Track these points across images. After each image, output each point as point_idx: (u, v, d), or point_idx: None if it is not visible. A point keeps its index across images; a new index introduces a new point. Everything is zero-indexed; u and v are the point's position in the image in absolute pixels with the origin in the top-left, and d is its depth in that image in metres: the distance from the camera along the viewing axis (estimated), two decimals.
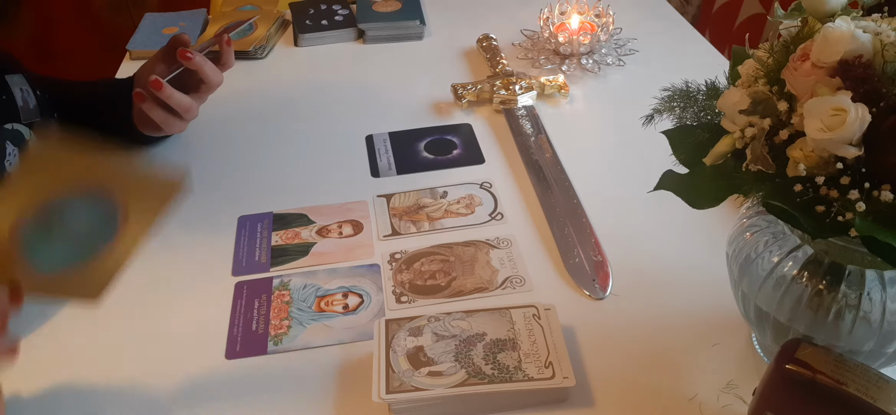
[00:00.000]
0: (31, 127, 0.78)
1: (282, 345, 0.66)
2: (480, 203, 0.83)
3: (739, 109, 0.49)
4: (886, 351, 0.53)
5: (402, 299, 0.70)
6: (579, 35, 1.08)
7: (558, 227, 0.78)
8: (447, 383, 0.58)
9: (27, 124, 0.77)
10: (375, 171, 0.89)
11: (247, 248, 0.77)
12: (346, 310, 0.69)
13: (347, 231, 0.79)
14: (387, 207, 0.82)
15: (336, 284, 0.73)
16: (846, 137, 0.43)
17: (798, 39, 0.50)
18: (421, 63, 1.13)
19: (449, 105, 1.01)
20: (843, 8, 0.50)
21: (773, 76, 0.50)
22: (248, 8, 1.27)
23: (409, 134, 0.95)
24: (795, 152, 0.46)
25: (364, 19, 1.20)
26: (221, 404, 0.61)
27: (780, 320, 0.56)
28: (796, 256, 0.55)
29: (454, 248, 0.76)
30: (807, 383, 0.48)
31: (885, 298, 0.52)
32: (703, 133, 0.54)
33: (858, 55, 0.45)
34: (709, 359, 0.63)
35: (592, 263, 0.73)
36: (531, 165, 0.88)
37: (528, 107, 0.98)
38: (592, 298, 0.70)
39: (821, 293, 0.54)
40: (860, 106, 0.43)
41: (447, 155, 0.91)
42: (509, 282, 0.72)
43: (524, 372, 0.58)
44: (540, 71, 1.07)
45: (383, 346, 0.61)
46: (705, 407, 0.59)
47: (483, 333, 0.62)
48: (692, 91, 0.56)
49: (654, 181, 0.54)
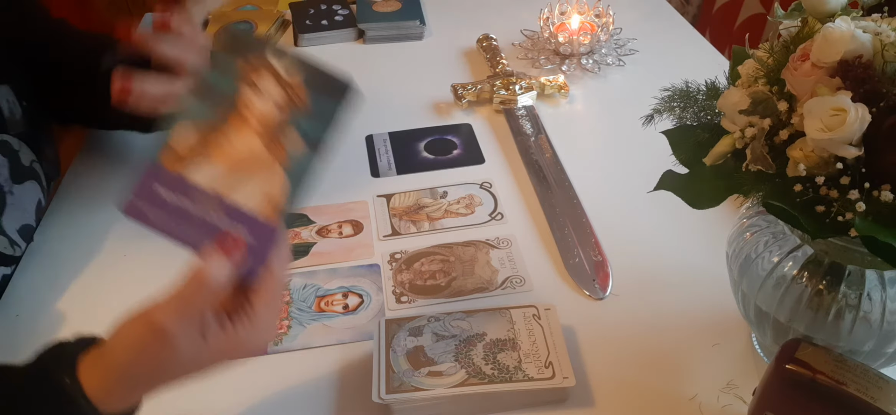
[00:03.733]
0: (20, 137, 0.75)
1: (282, 345, 0.66)
2: (480, 203, 0.83)
3: (739, 109, 0.49)
4: (886, 351, 0.53)
5: (402, 299, 0.70)
6: (579, 35, 1.08)
7: (558, 227, 0.78)
8: (447, 383, 0.58)
9: (15, 135, 0.75)
10: (375, 171, 0.89)
11: None
12: (346, 310, 0.69)
13: (347, 231, 0.79)
14: (387, 207, 0.82)
15: (336, 284, 0.73)
16: (846, 137, 0.43)
17: (798, 39, 0.50)
18: (421, 63, 1.13)
19: (449, 105, 1.01)
20: (843, 8, 0.50)
21: (773, 76, 0.50)
22: (249, 8, 1.27)
23: (409, 134, 0.95)
24: (795, 152, 0.46)
25: (364, 19, 1.20)
26: (221, 404, 0.61)
27: (780, 319, 0.56)
28: (796, 256, 0.55)
29: (454, 248, 0.76)
30: (807, 383, 0.48)
31: (885, 298, 0.52)
32: (703, 133, 0.54)
33: (858, 55, 0.45)
34: (709, 359, 0.63)
35: (592, 263, 0.73)
36: (531, 165, 0.88)
37: (528, 107, 0.98)
38: (592, 298, 0.70)
39: (821, 293, 0.54)
40: (860, 106, 0.43)
41: (447, 155, 0.91)
42: (509, 282, 0.72)
43: (524, 372, 0.58)
44: (540, 71, 1.07)
45: (383, 346, 0.61)
46: (705, 407, 0.59)
47: (483, 333, 0.62)
48: (692, 91, 0.56)
49: (654, 181, 0.54)
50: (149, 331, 0.45)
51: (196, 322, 0.46)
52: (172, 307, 0.45)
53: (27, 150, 0.76)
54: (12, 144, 0.74)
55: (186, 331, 0.45)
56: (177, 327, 0.45)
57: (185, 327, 0.45)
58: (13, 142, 0.74)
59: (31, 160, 0.77)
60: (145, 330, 0.45)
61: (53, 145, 0.83)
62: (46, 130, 0.82)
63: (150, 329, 0.45)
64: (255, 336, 0.48)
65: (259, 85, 0.49)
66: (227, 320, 0.47)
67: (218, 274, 0.46)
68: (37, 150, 0.78)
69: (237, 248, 0.47)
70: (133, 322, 0.46)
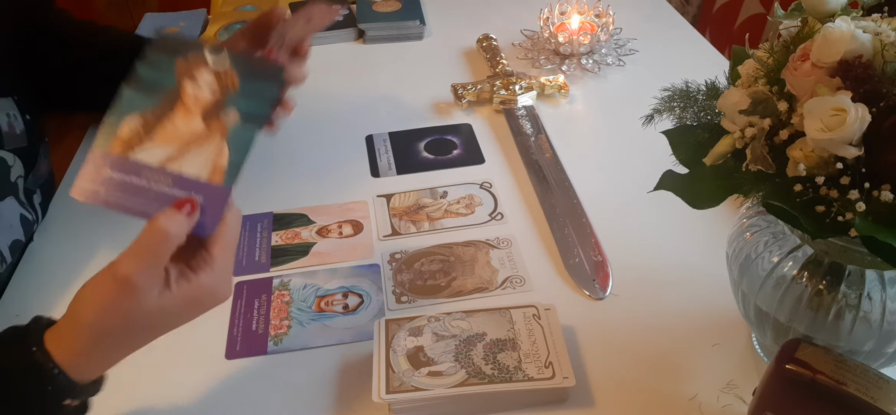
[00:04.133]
0: (16, 153, 0.75)
1: (282, 345, 0.66)
2: (480, 203, 0.83)
3: (739, 109, 0.49)
4: (886, 351, 0.53)
5: (402, 299, 0.70)
6: (579, 35, 1.08)
7: (558, 227, 0.78)
8: (447, 383, 0.58)
9: (11, 151, 0.74)
10: (375, 171, 0.89)
11: (247, 248, 0.77)
12: (346, 310, 0.69)
13: (347, 231, 0.79)
14: (387, 207, 0.82)
15: (336, 284, 0.73)
16: (846, 137, 0.43)
17: (798, 39, 0.50)
18: (421, 63, 1.13)
19: (449, 105, 1.01)
20: (843, 8, 0.50)
21: (773, 76, 0.50)
22: (248, 8, 1.27)
23: (409, 134, 0.95)
24: (795, 152, 0.46)
25: (364, 19, 1.20)
26: (221, 404, 0.61)
27: (780, 319, 0.56)
28: (796, 256, 0.55)
29: (454, 248, 0.76)
30: (807, 383, 0.48)
31: (885, 298, 0.52)
32: (703, 133, 0.54)
33: (858, 55, 0.45)
34: (709, 359, 0.63)
35: (592, 263, 0.73)
36: (531, 165, 0.88)
37: (528, 107, 0.98)
38: (592, 298, 0.70)
39: (821, 293, 0.54)
40: (860, 106, 0.43)
41: (447, 155, 0.91)
42: (509, 282, 0.72)
43: (524, 372, 0.58)
44: (540, 71, 1.07)
45: (383, 346, 0.61)
46: (705, 407, 0.59)
47: (483, 333, 0.62)
48: (692, 91, 0.56)
49: (654, 181, 0.54)
50: (114, 284, 0.46)
51: (159, 271, 0.47)
52: (135, 258, 0.46)
53: (19, 165, 0.76)
54: (7, 159, 0.74)
55: (150, 280, 0.47)
56: (141, 278, 0.46)
57: (149, 276, 0.47)
58: (8, 157, 0.74)
59: (18, 176, 0.76)
60: (111, 284, 0.46)
61: (48, 160, 0.83)
62: (43, 144, 0.82)
63: (115, 282, 0.46)
64: (215, 281, 0.49)
65: (196, 77, 0.54)
66: (188, 270, 0.49)
67: (173, 225, 0.47)
68: (30, 165, 0.78)
69: (190, 205, 0.49)
70: (96, 280, 0.48)
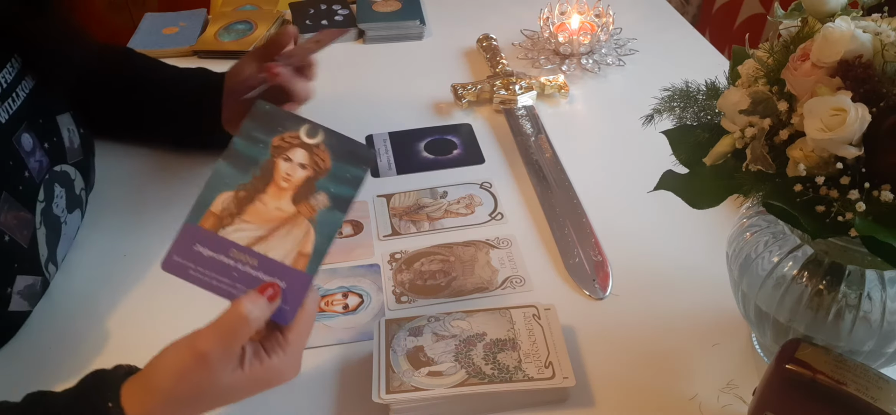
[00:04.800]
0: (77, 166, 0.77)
1: None
2: (480, 203, 0.83)
3: (739, 109, 0.49)
4: (886, 351, 0.53)
5: (402, 299, 0.70)
6: (579, 35, 1.08)
7: (558, 227, 0.78)
8: (447, 383, 0.58)
9: (73, 164, 0.76)
10: (375, 171, 0.89)
11: None
12: (346, 310, 0.69)
13: (347, 231, 0.79)
14: (387, 207, 0.82)
15: (336, 284, 0.73)
16: (846, 137, 0.43)
17: (798, 39, 0.50)
18: (421, 63, 1.13)
19: (449, 105, 1.01)
20: (843, 8, 0.50)
21: (773, 76, 0.50)
22: (248, 8, 1.27)
23: (409, 134, 0.95)
24: (795, 152, 0.46)
25: (364, 19, 1.20)
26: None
27: (780, 320, 0.56)
28: (796, 256, 0.55)
29: (454, 248, 0.76)
30: (807, 383, 0.48)
31: (885, 298, 0.52)
32: (703, 133, 0.54)
33: (858, 55, 0.45)
34: (709, 359, 0.63)
35: (592, 263, 0.73)
36: (531, 165, 0.88)
37: (528, 107, 0.98)
38: (592, 298, 0.70)
39: (821, 293, 0.54)
40: (860, 106, 0.43)
41: (447, 155, 0.91)
42: (509, 282, 0.72)
43: (524, 372, 0.58)
44: (540, 71, 1.07)
45: (383, 346, 0.61)
46: (705, 407, 0.59)
47: (483, 333, 0.62)
48: (692, 91, 0.56)
49: (654, 181, 0.54)
50: (191, 357, 0.49)
51: (235, 351, 0.50)
52: (215, 337, 0.49)
53: (80, 179, 0.78)
54: (70, 173, 0.76)
55: (226, 359, 0.49)
56: (218, 355, 0.49)
57: (226, 354, 0.49)
58: (71, 171, 0.76)
59: (81, 189, 0.79)
60: (188, 356, 0.49)
61: (94, 173, 0.84)
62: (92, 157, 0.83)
63: (193, 355, 0.49)
64: (285, 365, 0.52)
65: (289, 154, 0.55)
66: (263, 351, 0.52)
67: (256, 310, 0.50)
68: (86, 178, 0.80)
69: (273, 290, 0.51)
70: (176, 348, 0.50)
